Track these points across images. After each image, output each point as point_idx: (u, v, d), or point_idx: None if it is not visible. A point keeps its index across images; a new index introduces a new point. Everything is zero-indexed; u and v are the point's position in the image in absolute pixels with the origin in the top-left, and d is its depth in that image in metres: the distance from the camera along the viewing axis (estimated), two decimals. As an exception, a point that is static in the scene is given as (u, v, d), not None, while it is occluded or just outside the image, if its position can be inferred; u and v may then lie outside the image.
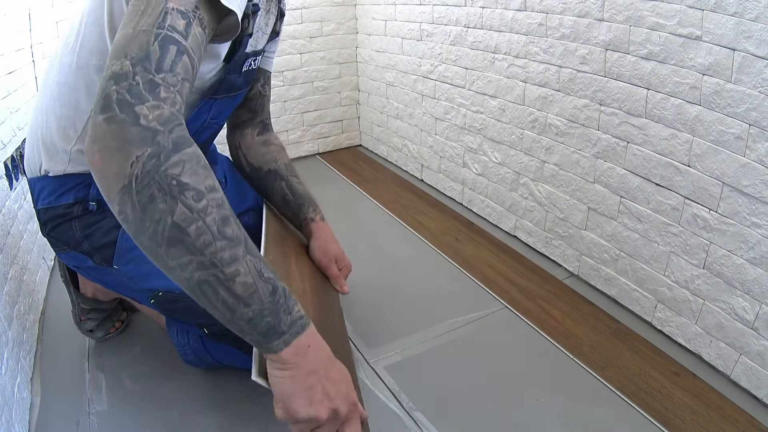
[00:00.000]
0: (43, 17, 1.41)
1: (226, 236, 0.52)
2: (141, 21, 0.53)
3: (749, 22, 0.83)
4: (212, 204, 0.52)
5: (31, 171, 0.86)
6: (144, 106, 0.50)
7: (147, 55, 0.52)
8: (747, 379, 0.95)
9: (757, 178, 0.87)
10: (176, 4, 0.55)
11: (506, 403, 0.96)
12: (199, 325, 0.92)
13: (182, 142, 0.52)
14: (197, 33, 0.56)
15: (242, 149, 1.09)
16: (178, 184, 0.50)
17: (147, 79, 0.51)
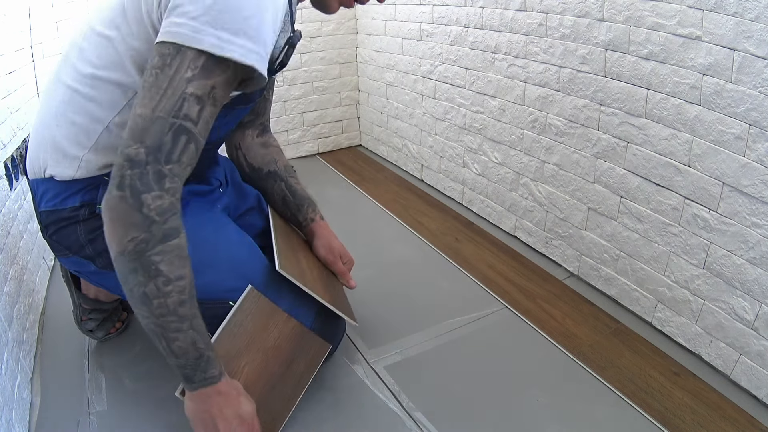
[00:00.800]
0: (43, 17, 1.41)
1: (178, 314, 0.67)
2: (160, 104, 0.61)
3: (749, 22, 0.83)
4: (176, 290, 0.66)
5: (34, 172, 0.83)
6: (149, 195, 0.61)
7: (160, 146, 0.61)
8: (747, 379, 0.95)
9: (757, 178, 0.87)
10: (194, 89, 0.62)
11: (506, 403, 0.96)
12: None
13: (171, 234, 0.64)
14: (208, 113, 0.64)
15: (242, 150, 1.09)
16: (156, 270, 0.64)
17: (156, 169, 0.61)
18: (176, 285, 0.66)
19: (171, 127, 0.61)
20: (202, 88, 0.62)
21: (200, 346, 0.71)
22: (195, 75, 0.62)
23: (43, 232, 0.86)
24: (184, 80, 0.61)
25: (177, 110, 0.61)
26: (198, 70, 0.62)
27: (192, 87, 0.62)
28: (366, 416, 0.94)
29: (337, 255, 1.08)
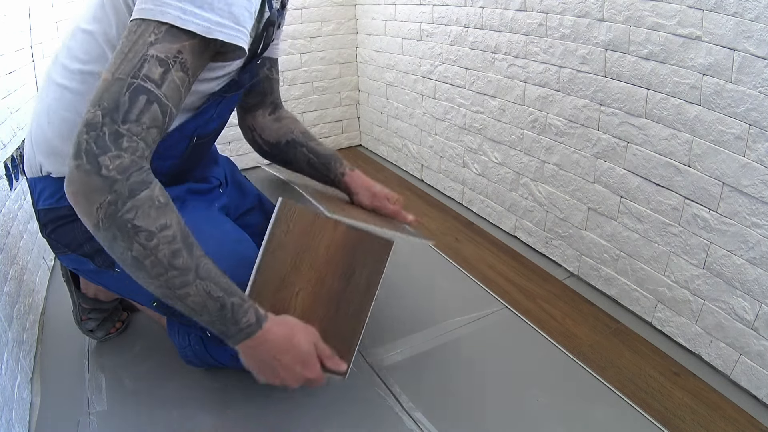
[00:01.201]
0: (43, 17, 1.41)
1: (176, 267, 0.64)
2: (121, 66, 0.60)
3: (749, 22, 0.83)
4: (163, 242, 0.63)
5: (32, 171, 0.85)
6: (106, 156, 0.59)
7: (116, 106, 0.59)
8: (747, 379, 0.95)
9: (757, 178, 0.87)
10: (157, 51, 0.61)
11: (506, 403, 0.96)
12: (201, 327, 0.92)
13: (137, 188, 0.61)
14: (176, 78, 0.62)
15: (256, 131, 1.09)
16: (133, 227, 0.61)
17: (113, 129, 0.59)
18: (161, 236, 0.63)
19: (129, 87, 0.60)
20: (166, 51, 0.61)
21: (217, 295, 0.67)
22: (158, 38, 0.61)
23: (42, 231, 0.87)
24: (147, 43, 0.61)
25: (137, 71, 0.60)
26: (162, 34, 0.61)
27: (154, 49, 0.61)
28: (366, 416, 0.94)
29: (383, 198, 1.05)
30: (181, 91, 0.64)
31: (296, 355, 0.73)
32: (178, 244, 0.64)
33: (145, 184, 0.62)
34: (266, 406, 0.95)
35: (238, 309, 0.69)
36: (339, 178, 1.07)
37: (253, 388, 0.99)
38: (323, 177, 1.08)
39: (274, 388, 0.98)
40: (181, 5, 0.61)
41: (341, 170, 1.07)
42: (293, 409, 0.95)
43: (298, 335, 0.74)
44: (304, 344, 0.74)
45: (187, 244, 0.66)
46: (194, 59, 0.65)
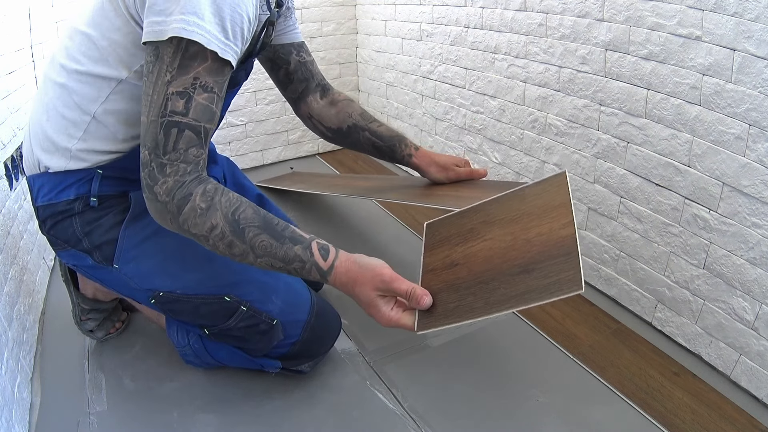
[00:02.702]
0: (43, 17, 1.41)
1: (235, 254, 0.74)
2: (151, 110, 0.70)
3: (749, 22, 0.83)
4: (216, 239, 0.72)
5: (30, 168, 0.87)
6: (157, 185, 0.71)
7: (156, 144, 0.70)
8: (747, 379, 0.95)
9: (757, 179, 0.87)
10: (175, 88, 0.69)
11: (506, 403, 0.96)
12: (200, 326, 0.92)
13: (182, 204, 0.71)
14: (201, 100, 0.71)
15: (314, 119, 1.12)
16: (192, 234, 0.73)
17: (158, 163, 0.70)
18: (213, 236, 0.72)
19: (161, 126, 0.69)
20: (183, 84, 0.69)
21: (278, 266, 0.74)
22: (173, 76, 0.69)
23: (41, 227, 0.88)
24: (165, 83, 0.69)
25: (163, 110, 0.69)
26: (175, 71, 0.69)
27: (173, 87, 0.69)
28: (366, 416, 0.94)
29: (452, 166, 1.09)
30: (210, 107, 0.72)
31: (361, 302, 0.75)
32: (229, 237, 0.72)
33: (186, 198, 0.71)
34: (266, 405, 0.95)
35: (300, 271, 0.75)
36: (407, 160, 1.11)
37: (252, 388, 0.99)
38: (391, 160, 1.12)
39: (273, 388, 0.99)
40: (183, 17, 0.66)
41: (407, 152, 1.10)
42: (293, 408, 0.95)
43: (357, 286, 0.74)
44: (362, 294, 0.74)
45: (238, 234, 0.73)
46: (213, 77, 0.71)
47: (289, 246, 0.74)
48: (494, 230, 0.78)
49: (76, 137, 0.81)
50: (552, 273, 0.65)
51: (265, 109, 1.99)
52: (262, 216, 0.74)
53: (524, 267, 0.68)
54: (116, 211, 0.87)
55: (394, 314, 0.74)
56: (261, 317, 0.89)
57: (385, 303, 0.74)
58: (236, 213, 0.73)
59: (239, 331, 0.90)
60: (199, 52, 0.68)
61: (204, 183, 0.72)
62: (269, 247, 0.73)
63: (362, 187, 1.39)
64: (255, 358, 0.95)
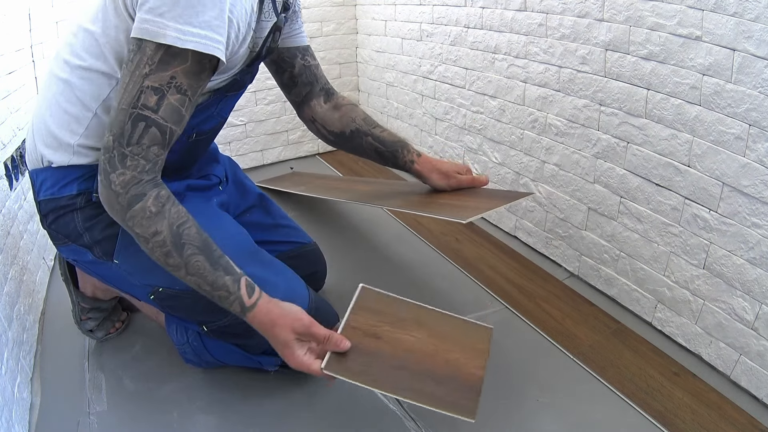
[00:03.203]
0: (43, 17, 1.41)
1: (169, 264, 0.75)
2: (124, 98, 0.71)
3: (749, 22, 0.83)
4: (155, 245, 0.74)
5: (33, 163, 0.88)
6: (115, 174, 0.72)
7: (122, 132, 0.71)
8: (747, 379, 0.95)
9: (757, 179, 0.87)
10: (151, 82, 0.70)
11: (506, 403, 0.96)
12: (198, 323, 0.92)
13: (133, 201, 0.72)
14: (173, 100, 0.72)
15: (317, 123, 1.11)
16: (134, 233, 0.74)
17: (120, 152, 0.71)
18: (154, 241, 0.74)
19: (130, 117, 0.70)
20: (159, 80, 0.70)
21: (205, 289, 0.77)
22: (152, 69, 0.69)
23: (43, 222, 0.89)
24: (142, 75, 0.70)
25: (135, 101, 0.70)
26: (155, 65, 0.69)
27: (149, 80, 0.70)
28: (366, 416, 0.94)
29: (453, 174, 1.08)
30: (180, 109, 0.73)
31: (277, 343, 0.79)
32: (168, 247, 0.74)
33: (140, 197, 0.72)
34: (265, 406, 0.95)
35: (224, 300, 0.77)
36: (409, 166, 1.10)
37: (252, 389, 0.99)
38: (393, 166, 1.12)
39: (273, 389, 0.99)
40: (178, 26, 0.67)
41: (409, 158, 1.10)
42: (292, 409, 0.95)
43: (276, 327, 0.78)
44: (280, 335, 0.78)
45: (177, 247, 0.74)
46: (189, 80, 0.72)
47: (221, 274, 0.76)
48: (422, 334, 0.86)
49: (79, 133, 0.82)
50: (454, 395, 0.75)
51: (265, 109, 1.99)
52: (204, 238, 0.77)
53: (435, 377, 0.78)
54: None
55: (306, 359, 0.78)
56: None
57: (299, 347, 0.78)
58: (181, 227, 0.75)
59: (237, 328, 0.90)
60: (181, 52, 0.69)
61: (158, 187, 0.74)
62: (202, 269, 0.75)
63: (363, 192, 1.39)
64: (253, 355, 0.95)
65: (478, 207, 0.96)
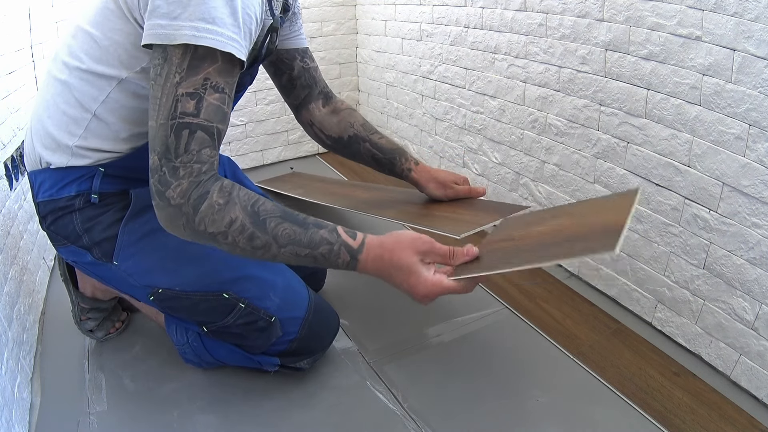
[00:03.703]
0: (43, 17, 1.41)
1: (256, 247, 0.72)
2: (160, 113, 0.68)
3: (749, 23, 0.83)
4: (236, 233, 0.71)
5: (31, 164, 0.87)
6: (170, 189, 0.68)
7: (167, 147, 0.68)
8: (747, 379, 0.95)
9: (757, 179, 0.87)
10: (185, 89, 0.68)
11: (506, 403, 0.96)
12: (198, 323, 0.92)
13: (198, 203, 0.69)
14: (212, 100, 0.69)
15: (316, 126, 1.11)
16: (210, 234, 0.71)
17: (170, 167, 0.68)
18: (232, 230, 0.71)
19: (171, 128, 0.68)
20: (193, 85, 0.68)
21: (304, 253, 0.72)
22: (182, 77, 0.67)
23: (42, 223, 0.89)
24: (174, 84, 0.68)
25: (173, 112, 0.68)
26: (185, 72, 0.67)
27: (182, 88, 0.68)
28: (366, 416, 0.94)
29: (451, 184, 1.08)
30: (222, 107, 0.71)
31: (401, 272, 0.72)
32: (250, 229, 0.71)
33: (204, 197, 0.69)
34: (266, 406, 0.95)
35: (329, 255, 0.73)
36: (406, 174, 1.09)
37: (252, 389, 0.99)
38: (390, 173, 1.11)
39: (273, 388, 0.99)
40: (193, 24, 0.66)
41: (407, 166, 1.09)
42: (293, 409, 0.95)
43: (396, 254, 0.72)
44: (402, 261, 0.72)
45: (259, 225, 0.71)
46: (224, 77, 0.70)
47: (314, 230, 0.72)
48: (561, 220, 0.79)
49: (77, 135, 0.82)
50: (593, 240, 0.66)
51: (265, 109, 1.99)
52: (281, 208, 0.74)
53: (572, 237, 0.70)
54: (117, 208, 0.87)
55: (437, 277, 0.72)
56: (259, 314, 0.90)
57: (426, 269, 0.72)
58: (255, 205, 0.72)
59: (237, 329, 0.90)
60: (209, 52, 0.67)
61: (220, 180, 0.71)
62: (293, 234, 0.71)
63: (361, 199, 1.38)
64: (253, 355, 0.95)
65: (473, 221, 0.96)
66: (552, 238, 0.73)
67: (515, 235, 0.80)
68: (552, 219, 0.81)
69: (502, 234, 0.82)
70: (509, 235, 0.81)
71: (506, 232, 0.82)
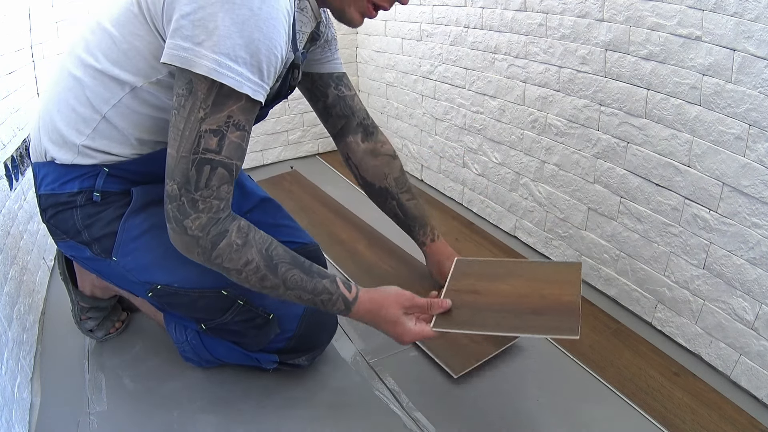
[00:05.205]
0: (43, 17, 1.41)
1: (265, 287, 0.78)
2: (182, 145, 0.70)
3: (749, 23, 0.83)
4: (250, 273, 0.76)
5: (36, 156, 0.87)
6: (189, 220, 0.72)
7: (187, 180, 0.70)
8: (747, 379, 0.95)
9: (757, 179, 0.87)
10: (209, 125, 0.69)
11: (506, 403, 0.96)
12: (197, 320, 0.92)
13: (217, 240, 0.73)
14: (234, 138, 0.71)
15: (353, 162, 1.10)
16: (224, 268, 0.76)
17: (189, 198, 0.71)
18: (247, 270, 0.76)
19: (193, 163, 0.70)
20: (217, 122, 0.69)
21: (306, 298, 0.80)
22: (207, 113, 0.69)
23: (42, 216, 0.89)
24: (198, 120, 0.69)
25: (196, 147, 0.69)
26: (209, 108, 0.68)
27: (206, 124, 0.69)
28: (366, 416, 0.94)
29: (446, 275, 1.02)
30: (241, 144, 0.73)
31: (387, 323, 0.84)
32: (263, 271, 0.77)
33: (222, 235, 0.74)
34: (265, 405, 0.95)
35: (327, 302, 0.81)
36: (420, 246, 1.12)
37: (252, 388, 0.99)
38: (408, 235, 1.13)
39: (273, 388, 0.99)
40: (216, 57, 0.65)
41: (422, 239, 1.11)
42: (293, 408, 0.95)
43: (383, 309, 0.83)
44: (389, 315, 0.83)
45: (271, 268, 0.77)
46: (246, 115, 0.71)
47: (318, 280, 0.80)
48: (516, 282, 0.92)
49: (85, 134, 0.81)
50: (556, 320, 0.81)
51: (265, 109, 1.99)
52: (291, 254, 0.80)
53: (535, 311, 0.83)
54: (117, 206, 0.87)
55: (418, 327, 0.84)
56: (257, 311, 0.90)
57: (408, 320, 0.84)
58: (269, 249, 0.77)
59: (236, 326, 0.90)
60: (234, 92, 0.68)
61: (237, 220, 0.76)
62: (300, 281, 0.79)
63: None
64: (251, 352, 0.96)
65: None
66: (515, 305, 0.86)
67: (479, 288, 0.92)
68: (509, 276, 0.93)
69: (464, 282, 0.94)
70: (473, 285, 0.92)
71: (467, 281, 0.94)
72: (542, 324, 0.81)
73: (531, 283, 0.90)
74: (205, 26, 0.64)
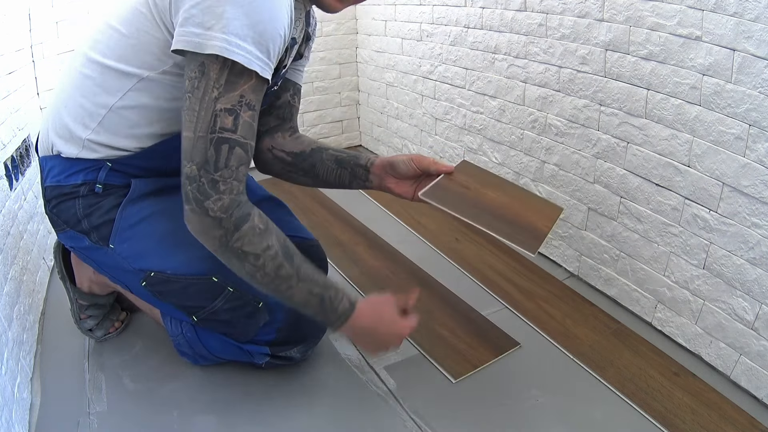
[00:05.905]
0: (43, 17, 1.41)
1: (280, 276, 0.78)
2: (198, 125, 0.71)
3: (749, 23, 0.83)
4: (267, 259, 0.77)
5: (44, 149, 0.91)
6: (210, 201, 0.72)
7: (206, 159, 0.71)
8: (747, 379, 0.95)
9: (757, 179, 0.87)
10: (223, 105, 0.70)
11: (506, 402, 0.96)
12: (188, 312, 0.93)
13: (240, 222, 0.74)
14: (246, 117, 0.73)
15: (276, 149, 1.06)
16: (243, 253, 0.76)
17: (209, 178, 0.72)
18: (266, 256, 0.77)
19: (211, 142, 0.71)
20: (231, 101, 0.71)
21: (316, 291, 0.81)
22: (221, 92, 0.70)
23: (46, 207, 0.92)
24: (213, 99, 0.70)
25: (213, 126, 0.71)
26: (222, 88, 0.70)
27: (220, 104, 0.70)
28: (366, 416, 0.94)
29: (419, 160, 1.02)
30: (253, 124, 0.74)
31: (387, 322, 0.87)
32: (280, 258, 0.78)
33: (245, 218, 0.75)
34: (266, 406, 0.95)
35: (335, 299, 0.83)
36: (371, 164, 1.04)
37: (252, 388, 0.99)
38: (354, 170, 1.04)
39: (273, 389, 0.99)
40: (226, 37, 0.67)
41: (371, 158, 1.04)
42: (293, 409, 0.95)
43: (383, 307, 0.88)
44: (386, 314, 0.88)
45: (288, 256, 0.79)
46: (256, 95, 0.73)
47: (327, 277, 0.84)
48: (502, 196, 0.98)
49: (91, 128, 0.84)
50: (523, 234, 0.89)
51: (265, 109, 1.99)
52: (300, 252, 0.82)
53: (507, 221, 0.91)
54: (117, 196, 0.90)
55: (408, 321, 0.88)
56: (247, 298, 0.91)
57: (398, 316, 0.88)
58: (286, 241, 0.80)
59: (226, 314, 0.91)
60: (245, 70, 0.70)
61: (255, 206, 0.77)
62: (312, 274, 0.81)
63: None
64: (242, 344, 0.96)
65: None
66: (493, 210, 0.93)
67: (470, 186, 0.99)
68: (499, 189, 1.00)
69: (460, 177, 1.02)
70: (466, 182, 1.00)
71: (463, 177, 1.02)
72: (510, 232, 0.88)
73: (514, 201, 0.96)
74: (214, 12, 0.67)
